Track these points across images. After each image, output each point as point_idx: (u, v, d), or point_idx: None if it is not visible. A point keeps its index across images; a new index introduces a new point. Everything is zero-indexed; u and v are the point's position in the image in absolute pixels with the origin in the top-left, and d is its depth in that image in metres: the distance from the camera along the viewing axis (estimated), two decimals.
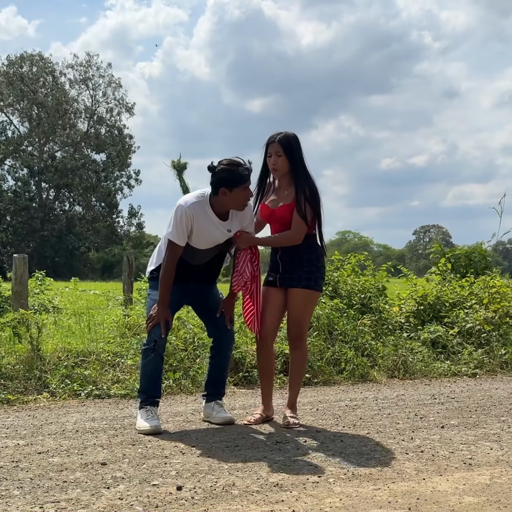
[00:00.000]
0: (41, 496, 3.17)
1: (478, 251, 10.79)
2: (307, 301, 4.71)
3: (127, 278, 9.78)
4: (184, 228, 4.50)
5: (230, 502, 3.11)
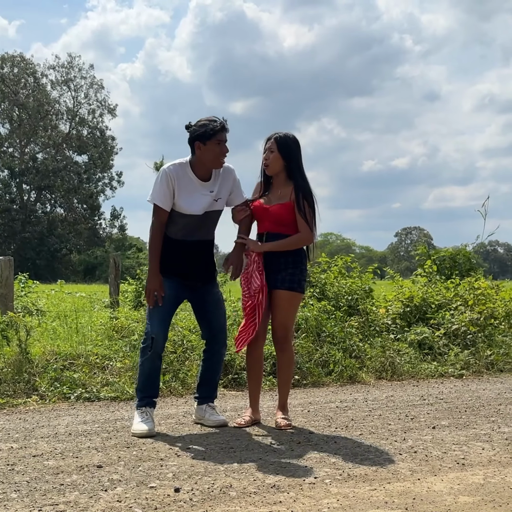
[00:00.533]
0: (39, 499, 3.17)
1: (463, 253, 10.89)
2: (291, 302, 4.73)
3: (113, 280, 9.78)
4: (166, 189, 4.55)
5: (228, 503, 3.13)
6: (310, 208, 4.66)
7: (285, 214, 4.65)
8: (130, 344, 7.12)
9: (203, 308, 4.82)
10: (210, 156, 4.55)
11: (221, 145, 4.56)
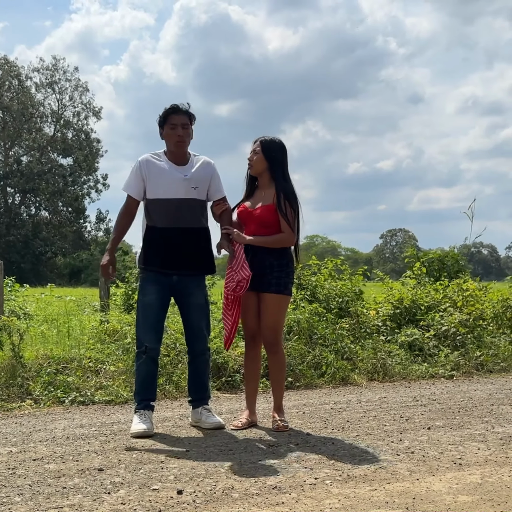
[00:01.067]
0: (43, 502, 3.18)
1: (451, 255, 10.98)
2: (279, 305, 4.75)
3: (103, 284, 9.77)
4: (134, 176, 4.70)
5: (231, 505, 3.16)
6: (292, 209, 4.70)
7: (268, 216, 4.68)
8: (123, 348, 7.14)
9: (187, 310, 4.83)
10: (168, 140, 4.74)
11: (175, 128, 4.68)
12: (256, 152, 4.76)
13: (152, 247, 4.66)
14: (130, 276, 13.57)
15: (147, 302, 4.66)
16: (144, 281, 4.71)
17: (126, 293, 12.22)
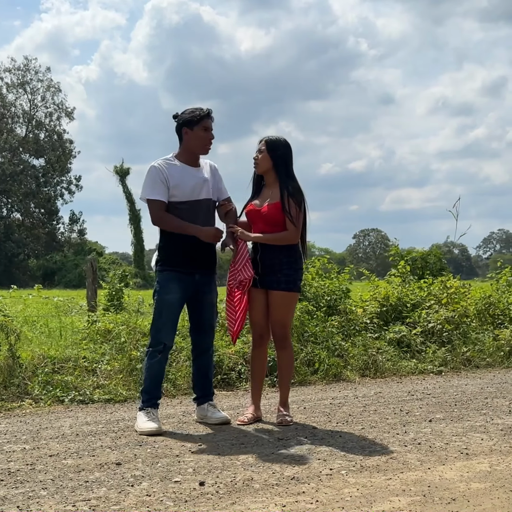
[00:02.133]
0: (69, 496, 3.25)
1: (434, 254, 11.16)
2: (288, 302, 4.86)
3: (91, 285, 9.78)
4: (158, 180, 4.68)
5: (254, 495, 3.25)
6: (297, 206, 4.79)
7: (275, 214, 4.78)
8: (116, 347, 7.18)
9: (198, 307, 4.92)
10: (197, 141, 4.76)
11: (207, 132, 4.77)
12: (261, 151, 4.86)
13: (175, 247, 4.73)
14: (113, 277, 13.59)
15: (170, 301, 4.71)
16: (167, 280, 4.75)
17: (110, 294, 12.24)
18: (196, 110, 4.78)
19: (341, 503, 3.14)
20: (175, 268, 4.76)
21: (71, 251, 53.37)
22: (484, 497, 3.23)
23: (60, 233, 58.08)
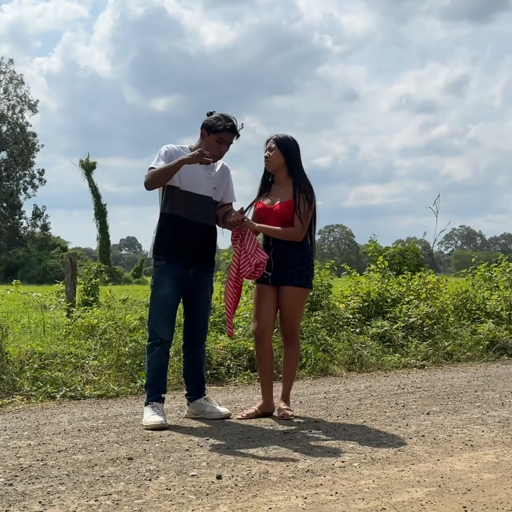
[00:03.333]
0: (89, 490, 3.25)
1: (411, 249, 11.30)
2: (299, 298, 4.92)
3: (70, 280, 9.72)
4: (165, 157, 4.68)
5: (273, 487, 3.28)
6: (307, 203, 4.83)
7: (288, 212, 4.82)
8: (101, 343, 7.16)
9: (193, 304, 4.93)
10: (208, 148, 4.73)
11: (220, 144, 4.76)
12: (272, 148, 4.88)
13: (168, 235, 4.73)
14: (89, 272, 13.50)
15: (165, 295, 4.72)
16: (161, 275, 4.75)
17: (85, 289, 12.17)
18: (223, 120, 4.74)
19: (360, 495, 3.19)
20: (169, 259, 4.75)
21: (34, 246, 52.75)
22: (497, 487, 3.30)
23: (23, 228, 57.42)
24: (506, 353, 8.72)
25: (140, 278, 48.26)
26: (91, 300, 11.19)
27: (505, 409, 5.13)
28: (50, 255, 48.92)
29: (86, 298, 10.64)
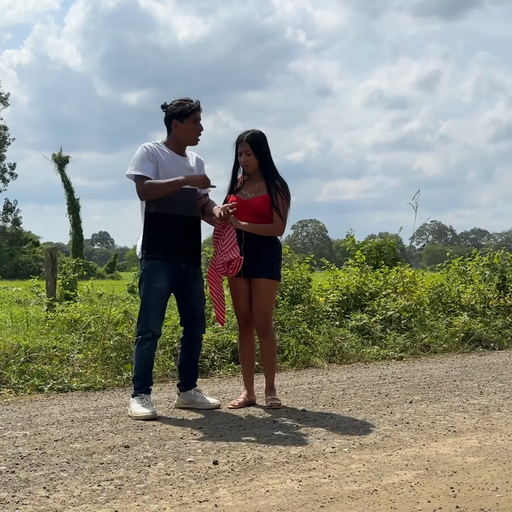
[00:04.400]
0: (91, 476, 3.36)
1: (388, 244, 11.49)
2: (270, 290, 5.05)
3: (50, 275, 9.74)
4: (146, 159, 4.78)
5: (268, 471, 3.42)
6: (284, 201, 4.98)
7: (264, 206, 4.96)
8: (85, 337, 7.24)
9: (188, 297, 5.04)
10: (187, 134, 4.88)
11: (197, 124, 4.90)
12: (248, 153, 4.99)
13: (160, 234, 4.81)
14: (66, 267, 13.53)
15: (157, 289, 4.81)
16: (153, 269, 4.84)
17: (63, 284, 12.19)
18: (186, 102, 4.86)
19: (352, 478, 3.34)
20: (160, 257, 4.85)
21: (6, 241, 52.35)
22: (481, 470, 3.47)
23: None
24: (481, 344, 8.92)
25: (114, 273, 48.16)
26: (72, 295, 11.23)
27: (484, 398, 5.31)
28: (22, 250, 48.64)
29: (68, 293, 10.66)
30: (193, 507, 2.96)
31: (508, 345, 9.05)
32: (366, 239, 12.73)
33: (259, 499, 3.05)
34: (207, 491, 3.15)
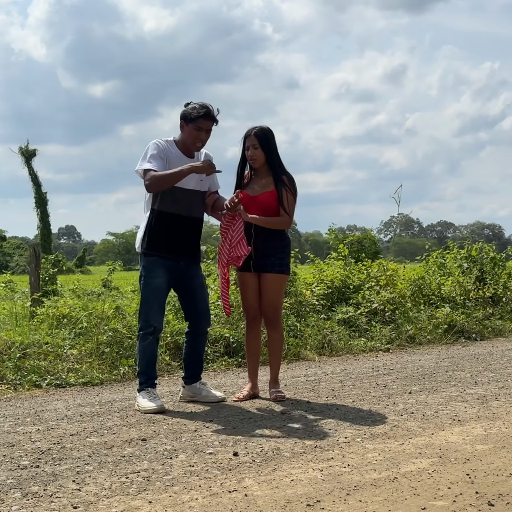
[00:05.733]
0: (116, 469, 3.43)
1: (369, 238, 11.66)
2: (280, 284, 5.17)
3: (33, 270, 9.73)
4: (157, 154, 4.83)
5: (288, 462, 3.53)
6: (292, 196, 5.08)
7: (272, 202, 5.05)
8: (75, 332, 7.27)
9: (190, 291, 5.12)
10: (188, 138, 4.93)
11: (199, 131, 4.91)
12: (256, 147, 5.07)
13: (160, 231, 4.87)
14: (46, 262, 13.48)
15: (156, 285, 4.89)
16: (152, 265, 4.92)
17: (43, 279, 12.17)
18: (198, 108, 4.87)
19: (371, 466, 3.45)
20: (158, 253, 4.92)
21: None
22: (492, 457, 3.61)
23: None
24: (463, 336, 9.12)
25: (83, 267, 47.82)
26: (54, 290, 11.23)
27: (479, 388, 5.47)
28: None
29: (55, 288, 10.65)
30: (223, 496, 3.04)
31: (489, 335, 9.26)
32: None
33: (286, 488, 3.14)
34: (234, 481, 3.24)
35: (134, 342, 6.85)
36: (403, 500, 3.00)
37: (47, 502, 3.01)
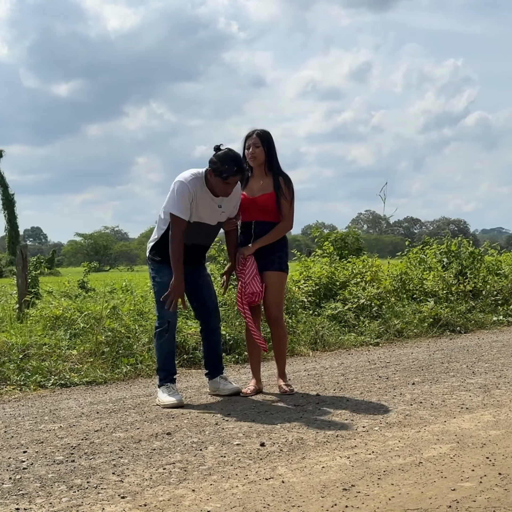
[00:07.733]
0: (150, 461, 3.56)
1: (352, 235, 11.86)
2: (281, 282, 5.32)
3: (21, 272, 9.76)
4: (187, 201, 4.94)
5: (315, 450, 3.68)
6: (289, 196, 5.24)
7: (271, 203, 5.20)
8: (71, 333, 7.35)
9: (197, 290, 5.27)
10: (216, 187, 4.97)
11: (226, 186, 4.96)
12: (257, 146, 5.21)
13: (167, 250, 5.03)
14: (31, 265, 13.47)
15: (167, 282, 5.01)
16: (161, 265, 5.11)
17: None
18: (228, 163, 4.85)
19: (394, 453, 3.62)
20: (165, 262, 5.08)
21: None
22: (507, 441, 3.81)
23: None
24: (448, 329, 9.36)
25: (53, 269, 47.49)
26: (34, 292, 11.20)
27: (478, 377, 5.68)
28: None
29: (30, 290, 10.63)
30: (262, 484, 3.19)
31: (473, 328, 9.52)
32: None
33: (319, 475, 3.29)
34: (268, 470, 3.38)
35: (133, 341, 6.96)
36: (432, 482, 3.17)
37: (94, 493, 3.12)
